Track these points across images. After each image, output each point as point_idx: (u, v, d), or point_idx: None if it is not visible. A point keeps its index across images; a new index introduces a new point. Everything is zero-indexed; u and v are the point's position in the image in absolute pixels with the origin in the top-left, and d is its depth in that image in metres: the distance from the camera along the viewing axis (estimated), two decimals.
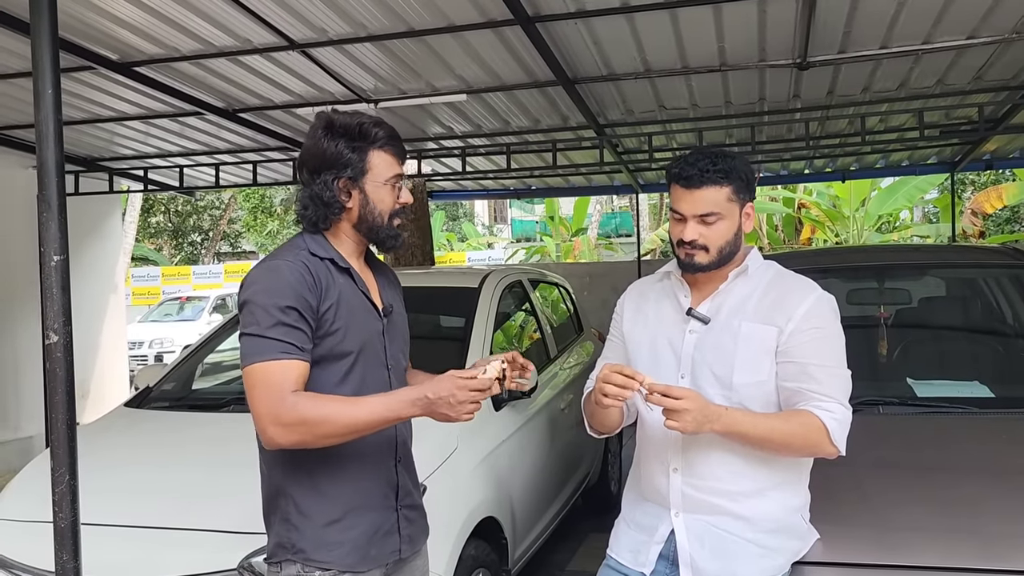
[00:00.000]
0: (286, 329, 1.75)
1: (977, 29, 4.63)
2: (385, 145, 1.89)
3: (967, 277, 3.62)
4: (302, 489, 1.86)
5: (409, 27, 4.48)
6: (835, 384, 1.98)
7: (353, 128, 1.87)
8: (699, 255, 2.02)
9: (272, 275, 1.80)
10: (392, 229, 1.93)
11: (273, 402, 1.71)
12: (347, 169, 1.86)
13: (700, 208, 2.00)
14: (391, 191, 1.91)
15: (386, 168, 1.89)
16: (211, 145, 7.11)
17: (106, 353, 8.42)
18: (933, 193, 13.53)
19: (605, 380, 1.90)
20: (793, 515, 2.05)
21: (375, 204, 1.89)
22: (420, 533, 2.08)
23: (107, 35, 4.54)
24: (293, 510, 1.86)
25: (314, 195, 1.87)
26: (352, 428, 1.75)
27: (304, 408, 1.72)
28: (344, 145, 1.86)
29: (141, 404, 3.70)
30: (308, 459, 1.84)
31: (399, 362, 2.02)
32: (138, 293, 20.61)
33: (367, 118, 1.89)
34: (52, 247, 2.16)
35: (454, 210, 30.75)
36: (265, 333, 1.74)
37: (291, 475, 1.86)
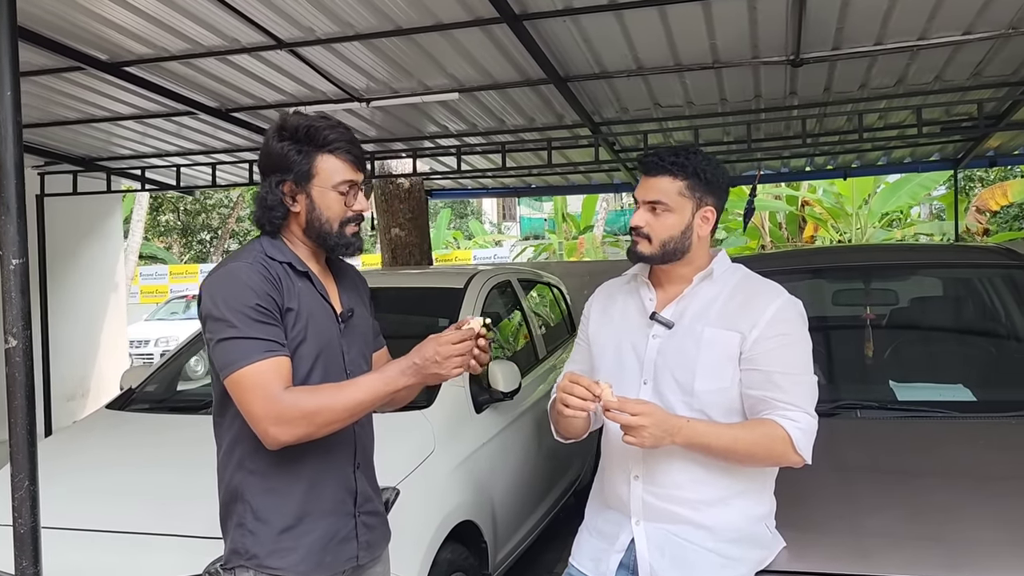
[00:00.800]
0: (263, 327, 1.74)
1: (973, 24, 4.55)
2: (336, 150, 1.84)
3: (955, 278, 3.57)
4: (258, 494, 1.83)
5: (397, 26, 4.44)
6: (800, 392, 1.94)
7: (301, 130, 1.82)
8: (642, 244, 2.00)
9: (233, 278, 1.77)
10: (343, 237, 1.88)
11: (270, 402, 1.70)
12: (291, 172, 1.82)
13: (650, 195, 2.00)
14: (339, 198, 1.85)
15: (335, 173, 1.84)
16: (207, 145, 7.10)
17: (106, 352, 8.45)
18: (941, 190, 13.39)
19: (565, 391, 1.87)
20: (756, 524, 2.01)
21: (322, 210, 1.85)
22: (380, 539, 2.05)
23: (96, 35, 4.53)
24: (249, 516, 1.84)
25: (260, 197, 1.85)
26: (352, 409, 1.75)
27: (303, 401, 1.71)
28: (290, 147, 1.82)
29: (123, 406, 3.69)
30: (264, 464, 1.82)
31: (359, 367, 1.98)
32: (146, 291, 20.72)
33: (322, 121, 1.85)
34: (11, 250, 2.14)
35: (461, 208, 30.74)
36: (244, 335, 1.72)
37: (247, 480, 1.84)
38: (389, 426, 3.00)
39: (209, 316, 1.76)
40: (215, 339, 1.74)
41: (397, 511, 2.77)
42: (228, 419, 1.86)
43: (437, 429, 3.24)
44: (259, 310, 1.74)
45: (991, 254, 3.59)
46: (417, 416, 3.24)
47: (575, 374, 1.91)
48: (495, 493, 3.55)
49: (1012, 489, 2.25)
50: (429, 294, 4.32)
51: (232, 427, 1.85)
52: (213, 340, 1.75)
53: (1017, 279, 3.36)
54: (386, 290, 4.42)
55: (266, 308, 1.75)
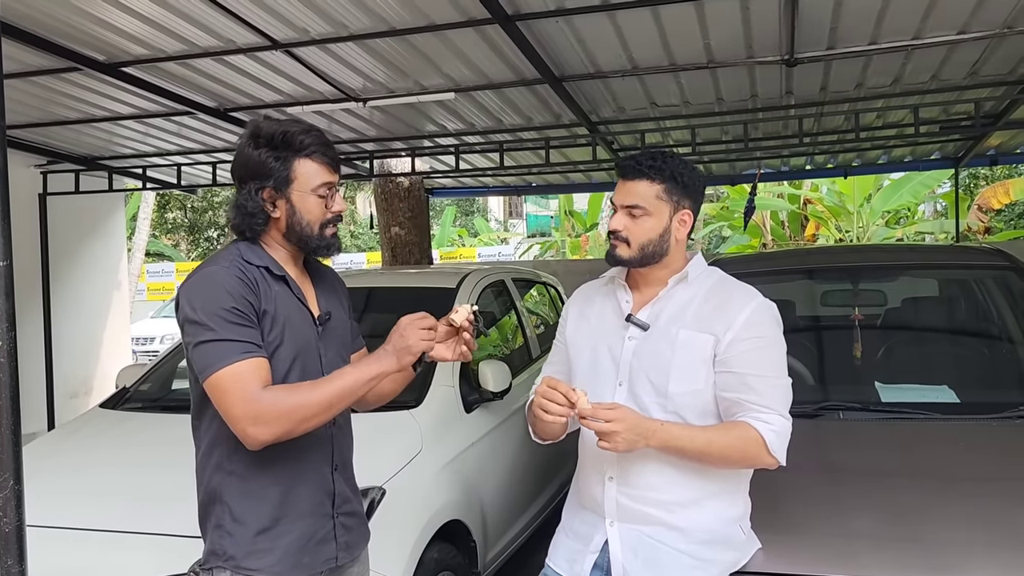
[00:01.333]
0: (240, 329, 1.76)
1: (968, 24, 4.54)
2: (313, 153, 1.86)
3: (944, 279, 3.57)
4: (236, 495, 1.85)
5: (390, 26, 4.46)
6: (774, 394, 1.95)
7: (277, 136, 1.84)
8: (620, 247, 2.01)
9: (209, 282, 1.79)
10: (324, 239, 1.90)
11: (248, 402, 1.71)
12: (270, 179, 1.84)
13: (628, 199, 2.01)
14: (319, 201, 1.87)
15: (313, 176, 1.86)
16: (207, 144, 7.14)
17: (109, 350, 8.49)
18: (945, 187, 13.33)
19: (544, 397, 1.89)
20: (729, 526, 2.03)
21: (302, 214, 1.87)
22: (359, 540, 2.07)
23: (93, 37, 4.56)
24: (227, 517, 1.86)
25: (240, 204, 1.86)
26: (330, 402, 1.77)
27: (280, 400, 1.72)
28: (268, 154, 1.84)
29: (116, 405, 3.73)
30: (242, 466, 1.84)
31: (337, 368, 1.97)
32: (153, 289, 20.81)
33: (296, 126, 1.87)
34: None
35: (467, 205, 30.75)
36: (221, 337, 1.73)
37: (225, 481, 1.86)
38: (376, 426, 3.04)
39: (187, 320, 1.77)
40: (193, 342, 1.76)
41: (382, 511, 2.79)
42: (206, 421, 1.88)
43: (425, 429, 3.26)
44: (235, 312, 1.76)
45: (980, 255, 3.58)
46: (405, 416, 3.26)
47: (553, 379, 1.93)
48: (485, 493, 3.56)
49: (989, 490, 2.26)
50: (421, 294, 4.33)
51: (210, 429, 1.87)
52: (191, 344, 1.76)
53: (1006, 280, 3.36)
54: (378, 290, 4.45)
55: (242, 311, 1.77)
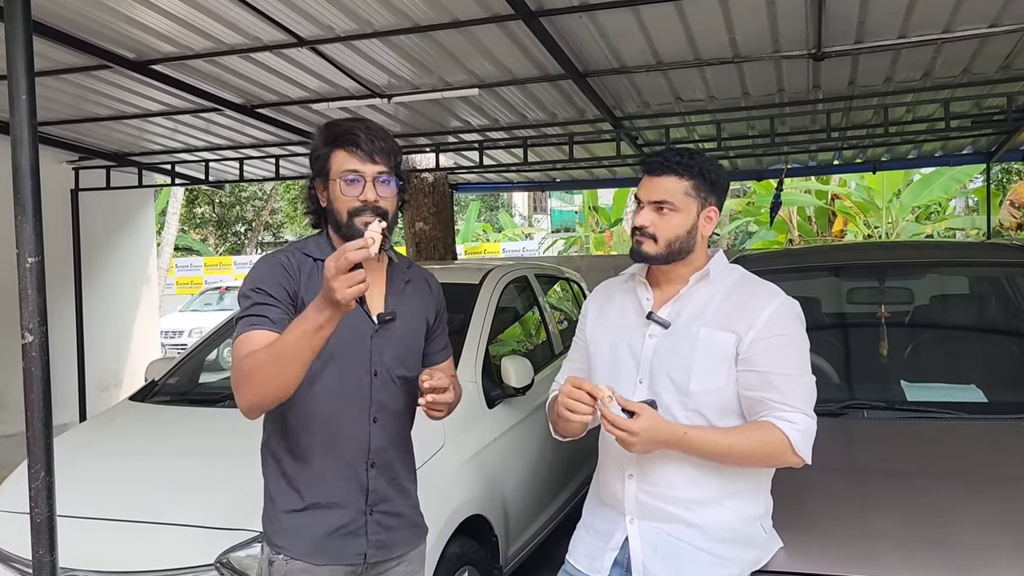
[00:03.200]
0: (258, 307, 1.84)
1: (999, 17, 4.46)
2: (344, 144, 1.91)
3: (972, 276, 3.51)
4: (273, 477, 1.99)
5: (414, 23, 4.48)
6: (798, 393, 1.94)
7: (322, 132, 1.97)
8: (647, 244, 2.00)
9: (254, 268, 1.94)
10: (352, 228, 1.87)
11: (233, 371, 1.80)
12: (316, 170, 1.96)
13: (656, 195, 1.99)
14: (344, 187, 1.89)
15: (340, 164, 1.92)
16: (234, 140, 7.22)
17: (139, 344, 8.62)
18: (978, 182, 13.11)
19: (568, 396, 1.89)
20: (750, 524, 2.02)
21: (333, 202, 1.94)
22: (399, 541, 2.07)
23: (122, 35, 4.63)
24: (267, 496, 2.01)
25: (307, 196, 2.03)
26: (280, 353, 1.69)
27: (239, 366, 1.77)
28: (317, 147, 1.95)
29: (145, 398, 3.79)
30: (281, 449, 1.97)
31: (391, 369, 1.98)
32: (181, 283, 21.08)
33: (346, 121, 1.96)
34: (27, 249, 2.20)
35: (492, 200, 30.77)
36: (242, 315, 1.85)
37: (268, 463, 2.00)
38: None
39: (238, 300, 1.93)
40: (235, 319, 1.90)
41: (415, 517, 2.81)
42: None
43: (447, 424, 3.24)
44: (260, 292, 1.86)
45: (1011, 252, 3.53)
46: None
47: (577, 378, 1.93)
48: (506, 488, 3.58)
49: (1015, 491, 2.23)
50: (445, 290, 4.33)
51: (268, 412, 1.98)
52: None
53: None
54: None
55: (268, 292, 1.86)
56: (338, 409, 1.94)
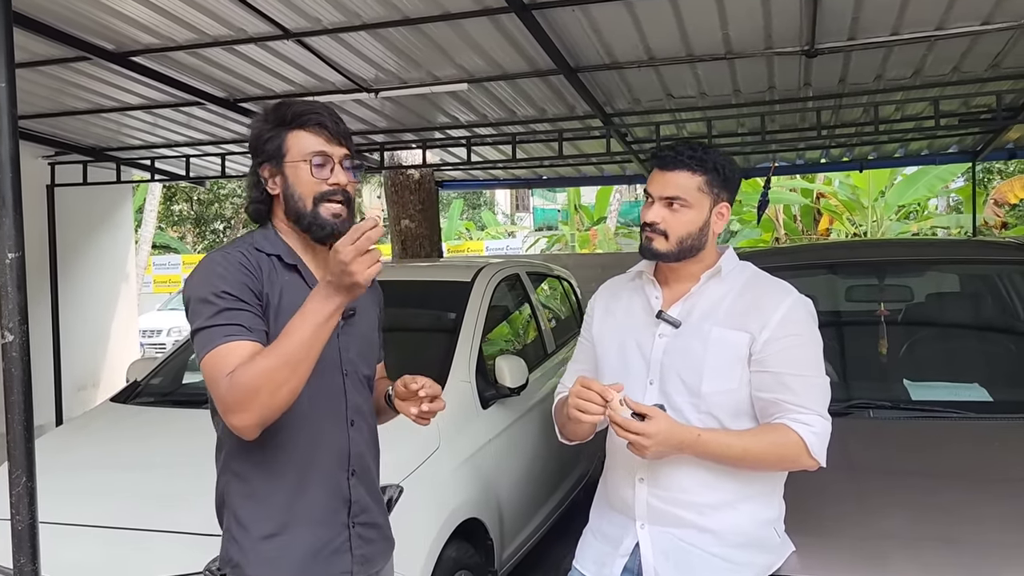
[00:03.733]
0: (229, 313, 1.63)
1: (991, 15, 4.45)
2: (306, 124, 1.75)
3: (971, 273, 3.49)
4: (240, 500, 1.75)
5: (404, 16, 4.39)
6: (813, 394, 1.89)
7: (271, 111, 1.78)
8: (658, 241, 1.94)
9: (206, 267, 1.71)
10: (316, 216, 1.73)
11: (221, 391, 1.57)
12: (264, 153, 1.77)
13: (668, 190, 1.93)
14: (310, 170, 1.74)
15: (305, 146, 1.75)
16: (216, 135, 7.08)
17: (117, 343, 8.46)
18: (959, 182, 13.20)
19: (580, 397, 1.82)
20: (764, 528, 1.96)
21: (294, 187, 1.74)
22: (379, 554, 1.93)
23: (102, 25, 4.50)
24: (233, 521, 1.76)
25: (247, 185, 1.81)
26: (289, 357, 1.54)
27: (241, 378, 1.54)
28: (265, 129, 1.77)
29: (127, 399, 3.68)
30: (247, 467, 1.75)
31: (358, 368, 1.87)
32: (159, 281, 20.78)
33: (290, 101, 1.80)
34: (7, 244, 2.10)
35: (474, 198, 30.67)
36: (208, 324, 1.62)
37: (231, 484, 1.76)
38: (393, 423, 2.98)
39: (186, 307, 1.71)
40: (191, 330, 1.68)
41: (400, 509, 2.74)
42: (216, 417, 1.78)
43: (442, 425, 3.19)
44: (226, 296, 1.64)
45: (1008, 249, 3.51)
46: None
47: (587, 379, 1.86)
48: (501, 490, 3.51)
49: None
50: (436, 288, 4.27)
51: (217, 426, 1.79)
52: (191, 331, 1.69)
53: None
54: (393, 284, 4.36)
55: (234, 294, 1.65)
56: (316, 414, 1.77)
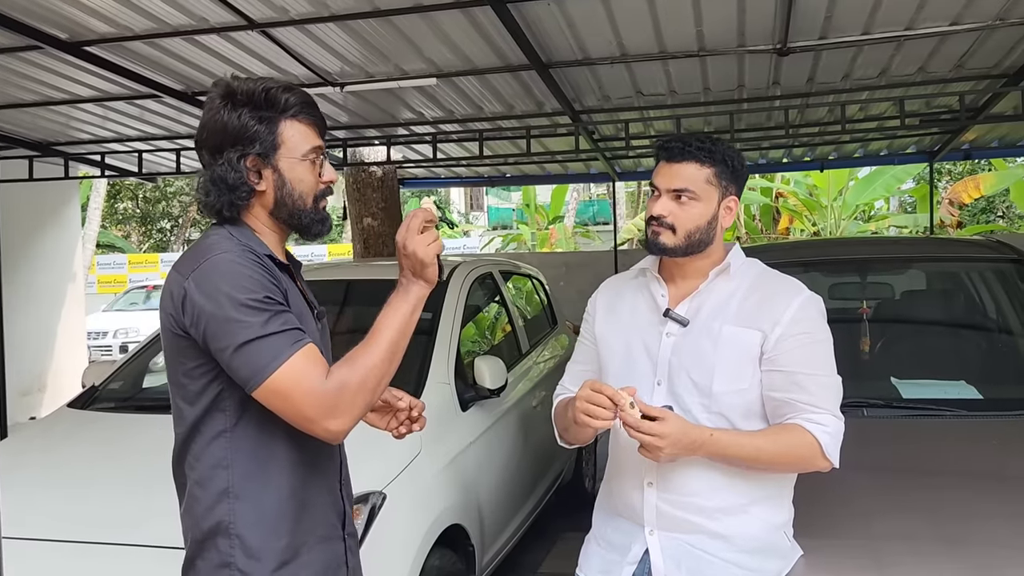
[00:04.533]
0: (282, 317, 1.49)
1: (960, 15, 4.50)
2: (299, 114, 1.60)
3: (952, 272, 3.50)
4: (249, 524, 1.56)
5: (374, 6, 4.26)
6: (826, 394, 1.84)
7: (258, 95, 1.57)
8: (665, 235, 1.86)
9: (229, 271, 1.50)
10: (317, 212, 1.65)
11: (320, 397, 1.46)
12: (254, 144, 1.57)
13: (675, 182, 1.86)
14: (311, 167, 1.62)
15: (302, 140, 1.60)
16: (171, 130, 6.84)
17: (64, 345, 8.15)
18: (909, 183, 13.52)
19: (589, 401, 1.73)
20: (775, 533, 1.91)
21: (293, 184, 1.61)
22: (359, 565, 1.82)
23: (55, 13, 4.28)
24: (239, 553, 1.55)
25: (217, 177, 1.57)
26: (392, 353, 1.54)
27: (348, 379, 1.48)
28: (249, 116, 1.56)
29: (85, 405, 3.49)
30: (255, 487, 1.57)
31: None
32: (103, 281, 20.16)
33: (273, 83, 1.60)
34: None
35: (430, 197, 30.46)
36: (265, 332, 1.46)
37: (237, 510, 1.56)
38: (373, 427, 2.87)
39: (211, 320, 1.48)
40: (232, 346, 1.46)
41: (384, 517, 2.63)
42: (206, 440, 1.57)
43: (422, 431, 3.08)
44: (269, 302, 1.50)
45: (988, 248, 3.53)
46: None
47: (597, 382, 1.77)
48: (481, 494, 3.41)
49: None
50: None
51: (214, 449, 1.57)
52: (230, 348, 1.46)
53: (1014, 273, 3.30)
54: (364, 283, 4.26)
55: (273, 298, 1.51)
56: None
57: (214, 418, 1.57)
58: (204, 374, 1.55)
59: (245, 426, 1.56)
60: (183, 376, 1.58)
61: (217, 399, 1.56)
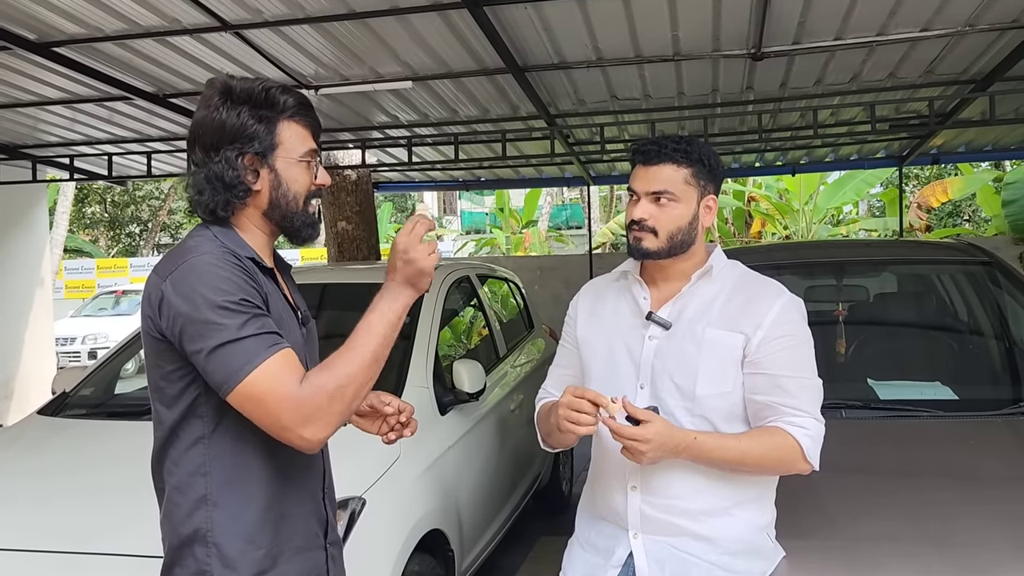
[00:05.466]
0: (259, 320, 1.46)
1: (931, 21, 4.58)
2: (296, 115, 1.59)
3: (924, 274, 3.55)
4: (228, 533, 1.53)
5: (350, 9, 4.24)
6: (807, 396, 1.85)
7: (258, 94, 1.55)
8: (647, 239, 1.86)
9: (206, 273, 1.48)
10: (308, 215, 1.63)
11: (294, 403, 1.43)
12: (253, 143, 1.55)
13: (654, 185, 1.85)
14: (307, 169, 1.61)
15: (299, 142, 1.60)
16: (142, 132, 6.75)
17: (32, 351, 7.99)
18: (878, 187, 13.72)
19: (571, 407, 1.72)
20: (759, 534, 1.91)
21: (288, 185, 1.59)
22: (342, 573, 1.80)
23: (24, 13, 4.21)
24: (215, 562, 1.52)
25: (213, 175, 1.54)
26: (373, 359, 1.49)
27: (324, 385, 1.44)
28: (248, 114, 1.54)
29: (56, 411, 3.41)
30: (235, 496, 1.54)
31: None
32: (71, 286, 19.86)
33: (272, 83, 1.59)
34: None
35: (403, 201, 30.37)
36: (240, 335, 1.44)
37: (215, 519, 1.53)
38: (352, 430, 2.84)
39: (190, 322, 1.45)
40: (206, 349, 1.43)
41: (364, 523, 2.60)
42: (184, 446, 1.54)
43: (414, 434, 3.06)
44: (246, 304, 1.47)
45: (961, 250, 3.58)
46: None
47: (580, 388, 1.77)
48: (461, 498, 3.39)
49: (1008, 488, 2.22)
50: None
51: (193, 455, 1.54)
52: (204, 351, 1.44)
53: (986, 275, 3.36)
54: (341, 287, 4.22)
55: (251, 301, 1.48)
56: None
57: (192, 424, 1.54)
58: (181, 378, 1.52)
59: (223, 433, 1.54)
60: (161, 379, 1.55)
61: (194, 404, 1.53)
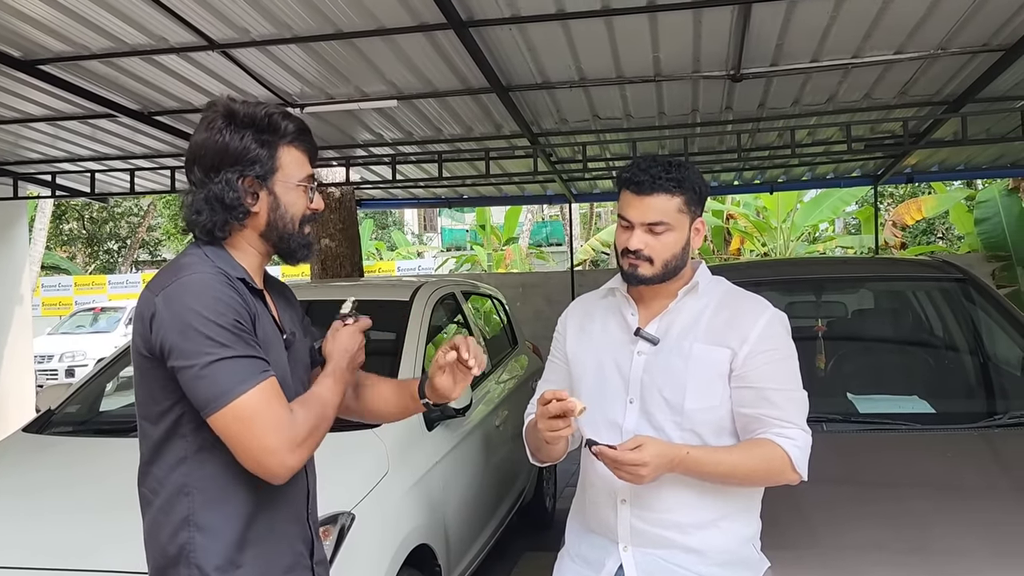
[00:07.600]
0: (249, 344, 1.50)
1: (904, 45, 4.70)
2: (295, 141, 1.65)
3: (900, 290, 3.63)
4: (210, 556, 1.53)
5: (337, 29, 4.29)
6: (794, 408, 1.90)
7: (261, 119, 1.60)
8: (643, 267, 1.90)
9: (200, 291, 1.50)
10: (304, 237, 1.68)
11: (285, 428, 1.48)
12: (255, 166, 1.59)
13: (649, 216, 1.88)
14: (303, 193, 1.66)
15: (298, 168, 1.65)
16: (125, 149, 6.74)
17: (11, 370, 7.89)
18: (853, 205, 13.93)
19: (545, 416, 1.76)
20: (745, 545, 1.95)
21: (286, 208, 1.63)
22: None
23: (9, 31, 4.22)
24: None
25: (213, 196, 1.58)
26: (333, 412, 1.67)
27: (307, 416, 1.56)
28: (251, 138, 1.59)
29: (41, 429, 3.41)
30: (219, 517, 1.55)
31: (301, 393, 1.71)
32: (48, 304, 19.64)
33: (273, 108, 1.64)
34: None
35: (383, 218, 30.35)
36: (233, 355, 1.46)
37: (197, 540, 1.53)
38: (340, 445, 2.83)
39: (181, 338, 1.46)
40: (199, 365, 1.45)
41: (352, 538, 2.62)
42: (167, 465, 1.56)
43: (390, 448, 3.09)
44: (239, 326, 1.50)
45: (936, 268, 3.67)
46: (369, 435, 3.08)
47: (547, 393, 1.79)
48: (448, 513, 3.41)
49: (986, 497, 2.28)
50: (374, 308, 4.10)
51: (176, 475, 1.55)
52: (196, 367, 1.45)
53: (960, 291, 3.44)
54: (328, 304, 4.23)
55: (242, 323, 1.51)
56: None
57: (175, 444, 1.56)
58: (168, 396, 1.54)
59: (207, 453, 1.55)
60: (147, 396, 1.58)
61: (177, 424, 1.55)
